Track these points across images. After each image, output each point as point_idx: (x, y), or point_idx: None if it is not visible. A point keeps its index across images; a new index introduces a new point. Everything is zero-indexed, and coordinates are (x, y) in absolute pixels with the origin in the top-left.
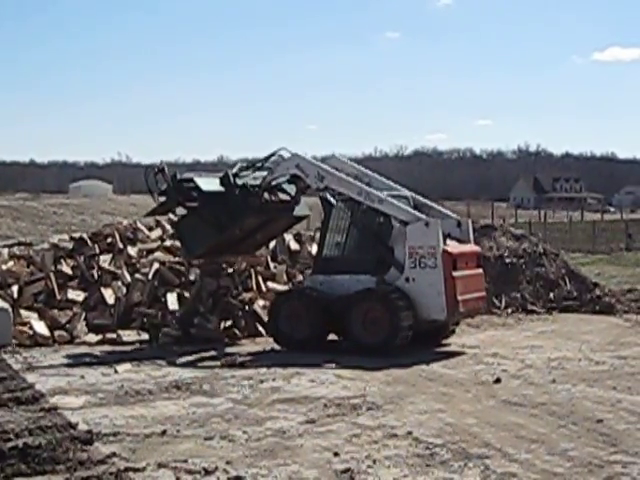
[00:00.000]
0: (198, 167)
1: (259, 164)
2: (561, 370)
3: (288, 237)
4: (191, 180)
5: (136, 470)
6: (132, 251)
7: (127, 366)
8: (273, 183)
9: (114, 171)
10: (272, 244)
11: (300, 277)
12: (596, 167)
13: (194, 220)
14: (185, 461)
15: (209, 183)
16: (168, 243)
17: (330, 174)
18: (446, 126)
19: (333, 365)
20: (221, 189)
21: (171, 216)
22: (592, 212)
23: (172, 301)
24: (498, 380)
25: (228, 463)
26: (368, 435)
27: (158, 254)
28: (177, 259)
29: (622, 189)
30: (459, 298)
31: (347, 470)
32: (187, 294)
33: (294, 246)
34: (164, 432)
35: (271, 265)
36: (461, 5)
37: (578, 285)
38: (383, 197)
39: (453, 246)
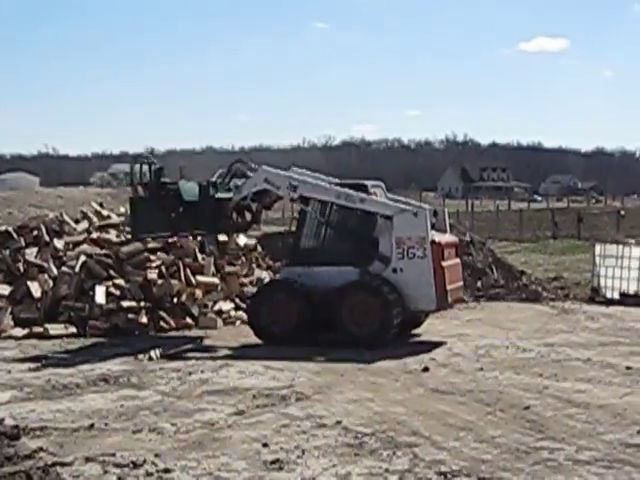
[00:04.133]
0: (126, 158)
1: (221, 178)
2: (488, 358)
3: None
4: (175, 183)
5: (63, 464)
6: (58, 244)
7: (54, 360)
8: (242, 203)
9: (41, 163)
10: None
11: (228, 268)
12: (523, 156)
13: (156, 212)
14: (113, 455)
15: (190, 192)
16: (95, 235)
17: (303, 182)
18: (375, 116)
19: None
20: (196, 199)
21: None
22: (519, 201)
23: (100, 294)
24: (426, 369)
25: (157, 456)
26: (297, 425)
27: (85, 247)
28: (104, 251)
29: (548, 178)
30: (448, 288)
31: (276, 461)
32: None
33: (222, 237)
34: (92, 426)
35: (199, 257)
36: None
37: (505, 273)
38: (364, 196)
39: (438, 236)
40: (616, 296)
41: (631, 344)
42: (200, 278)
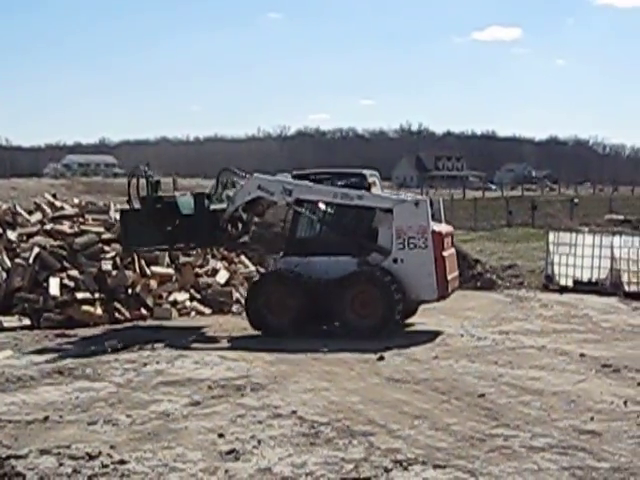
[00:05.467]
0: (79, 149)
1: (214, 189)
2: (444, 346)
3: None
4: (172, 197)
5: (18, 457)
6: (12, 235)
7: (8, 352)
8: (235, 214)
9: None
10: None
11: (183, 259)
12: (477, 145)
13: (148, 224)
14: (68, 447)
15: (186, 205)
16: (48, 227)
17: (297, 186)
18: (329, 106)
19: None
20: (192, 212)
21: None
22: (474, 190)
23: (54, 285)
24: (382, 357)
25: (112, 447)
26: (253, 415)
27: (38, 238)
28: (58, 243)
29: (503, 167)
30: (448, 277)
31: (232, 451)
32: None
33: None
34: (46, 418)
35: None
36: None
37: (460, 262)
38: (361, 193)
39: (437, 226)
40: (570, 284)
41: (585, 331)
42: (154, 269)
